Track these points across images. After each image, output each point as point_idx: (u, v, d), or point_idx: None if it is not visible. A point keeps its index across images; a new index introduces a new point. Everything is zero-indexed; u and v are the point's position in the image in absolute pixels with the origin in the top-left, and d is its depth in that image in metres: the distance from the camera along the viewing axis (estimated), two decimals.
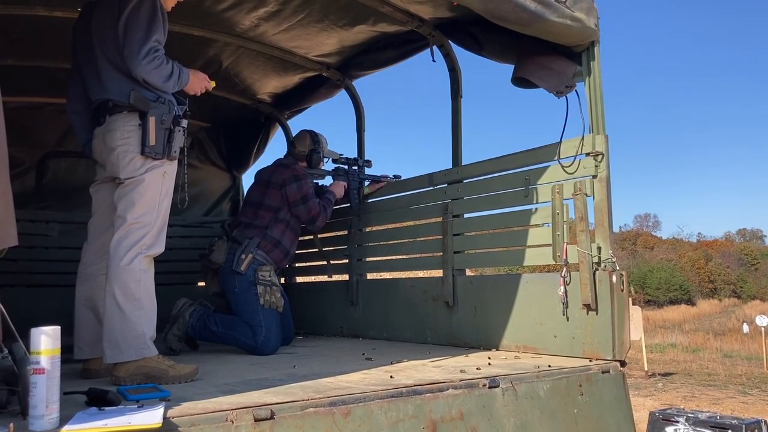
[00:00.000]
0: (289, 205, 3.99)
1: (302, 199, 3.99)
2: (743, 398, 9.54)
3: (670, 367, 13.59)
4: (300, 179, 4.01)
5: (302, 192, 3.99)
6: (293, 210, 4.00)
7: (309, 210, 4.01)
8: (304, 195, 3.99)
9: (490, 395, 2.38)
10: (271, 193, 4.00)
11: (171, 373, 2.45)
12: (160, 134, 2.54)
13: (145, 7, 2.53)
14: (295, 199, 3.98)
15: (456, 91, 4.00)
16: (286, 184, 3.98)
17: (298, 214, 4.02)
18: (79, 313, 2.73)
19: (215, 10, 3.76)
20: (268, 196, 4.00)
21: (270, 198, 3.99)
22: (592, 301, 2.94)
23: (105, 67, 2.60)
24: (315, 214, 4.03)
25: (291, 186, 3.98)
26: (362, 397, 2.08)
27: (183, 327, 3.65)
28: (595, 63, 3.14)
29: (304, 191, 4.00)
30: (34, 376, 1.61)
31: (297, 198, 3.98)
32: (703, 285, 46.57)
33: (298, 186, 3.98)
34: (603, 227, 3.02)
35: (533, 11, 2.78)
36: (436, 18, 3.80)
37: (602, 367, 2.82)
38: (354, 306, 4.46)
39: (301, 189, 3.99)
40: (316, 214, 4.03)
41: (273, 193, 4.00)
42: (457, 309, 3.69)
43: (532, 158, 3.38)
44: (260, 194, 4.05)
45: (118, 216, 2.52)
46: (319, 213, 4.04)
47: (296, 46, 4.33)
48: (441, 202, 3.86)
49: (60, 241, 4.63)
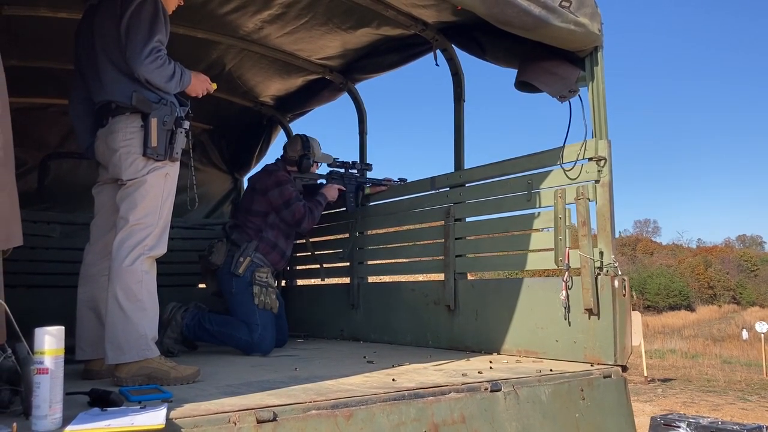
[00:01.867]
0: (274, 210, 4.03)
1: (285, 204, 4.03)
2: (743, 404, 9.53)
3: (669, 373, 13.57)
4: (281, 185, 4.05)
5: (284, 197, 4.03)
6: (279, 215, 4.05)
7: (293, 214, 4.04)
8: (286, 200, 4.03)
9: (492, 399, 2.38)
10: (258, 199, 4.06)
11: (173, 375, 2.45)
12: (162, 136, 2.54)
13: (147, 8, 2.53)
14: (278, 204, 4.03)
15: (459, 95, 4.01)
16: (268, 191, 4.04)
17: (284, 218, 4.06)
18: (81, 314, 2.73)
19: (219, 12, 3.77)
20: (255, 202, 4.06)
21: (257, 204, 4.05)
22: (594, 305, 2.94)
23: (107, 68, 2.61)
24: (300, 217, 4.05)
25: (272, 192, 4.03)
26: (364, 399, 2.08)
27: (178, 328, 3.70)
28: (598, 68, 3.14)
29: (286, 196, 4.03)
30: (37, 376, 1.61)
31: (279, 203, 4.03)
32: (703, 291, 46.51)
33: (279, 192, 4.03)
34: (605, 232, 3.02)
35: (537, 16, 2.78)
36: (440, 22, 3.81)
37: (604, 372, 2.82)
38: (355, 309, 4.46)
39: (283, 194, 4.03)
40: (300, 217, 4.06)
41: (258, 199, 4.06)
42: (459, 313, 3.68)
43: (535, 162, 3.38)
44: (249, 200, 4.12)
45: (121, 217, 2.53)
46: (304, 216, 4.06)
47: (299, 49, 4.34)
48: (443, 206, 3.86)
49: (62, 242, 4.63)
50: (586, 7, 2.99)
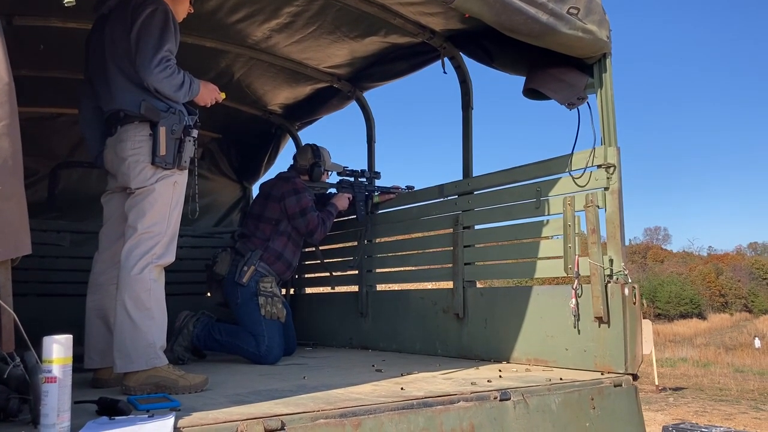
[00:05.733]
0: (288, 217, 4.01)
1: (301, 212, 4.02)
2: (755, 414, 9.42)
3: (680, 382, 13.46)
4: (299, 192, 4.05)
5: (301, 205, 4.03)
6: (292, 223, 4.03)
7: (307, 223, 4.04)
8: (303, 208, 4.03)
9: (501, 408, 2.36)
10: (271, 206, 4.05)
11: (181, 383, 2.44)
12: (171, 144, 2.55)
13: (158, 17, 2.55)
14: (294, 212, 4.02)
15: (467, 102, 4.01)
16: (284, 198, 4.03)
17: (297, 226, 4.06)
18: (90, 323, 2.73)
19: (227, 21, 3.78)
20: (268, 209, 4.05)
21: (269, 210, 4.05)
22: (604, 313, 2.91)
23: (116, 77, 2.62)
24: (313, 227, 4.06)
25: (290, 199, 4.02)
26: (373, 408, 2.07)
27: (188, 337, 3.71)
28: (606, 75, 3.13)
29: (303, 204, 4.03)
30: (45, 384, 1.61)
31: (296, 211, 4.02)
32: (714, 299, 46.22)
33: (297, 199, 4.02)
34: (615, 239, 3.01)
35: (545, 23, 2.77)
36: (448, 30, 3.81)
37: (614, 381, 2.79)
38: (364, 317, 4.45)
39: (300, 202, 4.03)
40: (314, 228, 4.06)
41: (272, 206, 4.05)
42: (468, 321, 3.67)
43: (544, 170, 3.37)
44: (261, 207, 4.11)
45: (129, 226, 2.53)
46: (317, 226, 4.07)
47: (308, 57, 4.35)
48: (451, 214, 3.86)
49: (71, 251, 4.65)
50: (594, 14, 2.98)
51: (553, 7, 2.77)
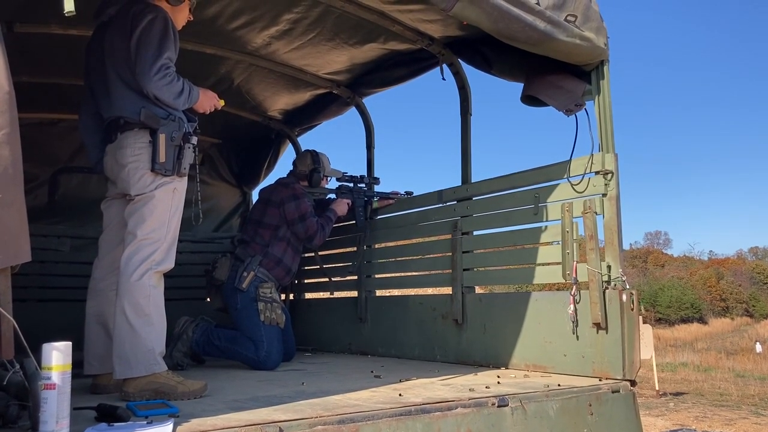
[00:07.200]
0: (288, 223, 4.03)
1: (300, 218, 4.04)
2: (756, 419, 9.40)
3: (681, 387, 13.44)
4: (298, 198, 4.06)
5: (300, 211, 4.04)
6: (291, 228, 4.04)
7: (307, 229, 4.06)
8: (302, 214, 4.04)
9: (499, 414, 2.36)
10: (270, 212, 4.07)
11: (180, 389, 2.45)
12: (170, 151, 2.56)
13: (157, 24, 2.56)
14: (293, 218, 4.03)
15: (465, 108, 4.02)
16: (284, 203, 4.05)
17: (296, 232, 4.07)
18: (90, 329, 2.74)
19: (227, 28, 3.80)
20: (267, 214, 4.07)
21: (269, 216, 4.06)
22: (602, 319, 2.92)
23: (116, 84, 2.64)
24: (312, 233, 4.07)
25: (289, 205, 4.04)
26: (371, 415, 2.08)
27: (187, 342, 3.73)
28: (604, 82, 3.15)
29: (302, 210, 4.05)
30: (44, 391, 1.62)
31: (295, 216, 4.03)
32: (715, 303, 46.15)
33: (296, 205, 4.04)
34: (613, 246, 3.02)
35: (543, 31, 2.79)
36: (446, 37, 3.83)
37: (612, 387, 2.80)
38: (362, 323, 4.46)
39: (299, 208, 4.04)
40: (313, 233, 4.08)
41: (272, 212, 4.06)
42: (466, 327, 3.68)
43: (542, 176, 3.38)
44: (260, 212, 4.12)
45: (129, 232, 2.54)
46: (316, 231, 4.08)
47: (307, 63, 4.37)
48: (450, 219, 3.87)
49: (71, 256, 4.66)
50: (592, 21, 3.00)
51: (550, 14, 2.79)
